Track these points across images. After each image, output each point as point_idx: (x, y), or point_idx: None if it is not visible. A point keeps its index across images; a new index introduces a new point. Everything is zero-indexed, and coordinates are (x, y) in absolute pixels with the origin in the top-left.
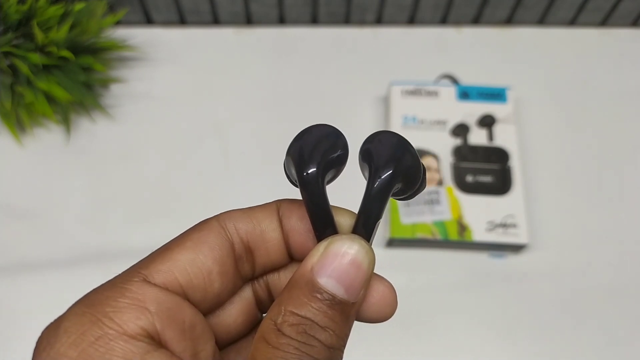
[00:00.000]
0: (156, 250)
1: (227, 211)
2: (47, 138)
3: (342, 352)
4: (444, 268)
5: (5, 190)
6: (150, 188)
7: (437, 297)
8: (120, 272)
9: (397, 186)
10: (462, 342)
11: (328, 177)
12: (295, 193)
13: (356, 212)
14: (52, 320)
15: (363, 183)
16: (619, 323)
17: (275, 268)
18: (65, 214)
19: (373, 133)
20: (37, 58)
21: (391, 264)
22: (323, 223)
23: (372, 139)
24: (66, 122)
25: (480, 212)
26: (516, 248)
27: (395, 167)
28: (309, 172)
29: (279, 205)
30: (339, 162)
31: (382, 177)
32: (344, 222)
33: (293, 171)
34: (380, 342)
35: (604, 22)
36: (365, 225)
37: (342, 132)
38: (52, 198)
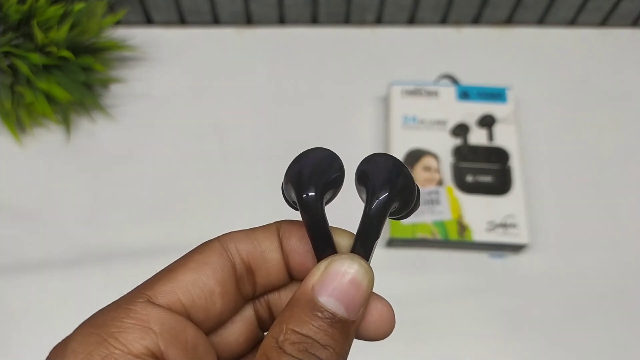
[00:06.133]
0: (160, 272)
1: (229, 232)
2: (47, 138)
3: None
4: (444, 268)
5: (5, 190)
6: (150, 188)
7: (436, 297)
8: (125, 293)
9: (394, 206)
10: (462, 342)
11: (326, 198)
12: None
13: (354, 233)
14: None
15: (358, 201)
16: (619, 323)
17: (276, 288)
18: (65, 214)
19: (368, 155)
20: (37, 58)
21: (391, 264)
22: (323, 243)
23: (368, 161)
24: (66, 122)
25: (480, 212)
26: (516, 248)
27: (391, 189)
28: (309, 194)
29: (279, 226)
30: (336, 184)
31: (380, 199)
32: (343, 242)
33: (292, 194)
34: (378, 341)
35: (604, 22)
36: (363, 245)
37: (338, 154)
38: (52, 198)
